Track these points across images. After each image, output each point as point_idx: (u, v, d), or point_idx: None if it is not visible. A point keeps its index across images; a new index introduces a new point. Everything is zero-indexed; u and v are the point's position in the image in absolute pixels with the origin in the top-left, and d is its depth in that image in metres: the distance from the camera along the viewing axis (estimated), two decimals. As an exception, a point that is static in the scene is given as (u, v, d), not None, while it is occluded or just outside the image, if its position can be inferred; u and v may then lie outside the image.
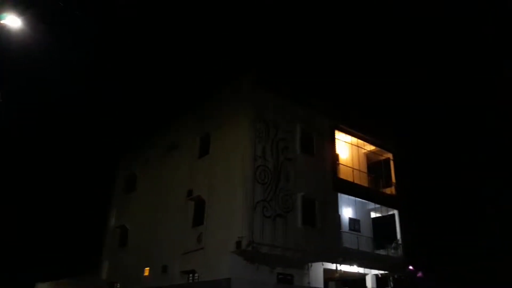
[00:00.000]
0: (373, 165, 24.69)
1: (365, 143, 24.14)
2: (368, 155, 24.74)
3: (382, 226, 23.26)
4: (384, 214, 23.57)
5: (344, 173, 21.85)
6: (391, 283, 22.19)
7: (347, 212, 22.43)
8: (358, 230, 22.30)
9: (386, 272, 22.09)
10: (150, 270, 20.92)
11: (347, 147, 23.40)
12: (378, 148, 24.61)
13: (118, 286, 23.67)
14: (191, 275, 18.48)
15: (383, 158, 24.84)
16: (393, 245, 22.65)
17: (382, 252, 22.39)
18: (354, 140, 23.56)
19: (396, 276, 22.34)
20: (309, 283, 18.48)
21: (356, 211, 22.78)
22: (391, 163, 24.65)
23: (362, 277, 21.93)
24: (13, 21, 11.86)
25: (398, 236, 22.98)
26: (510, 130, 31.01)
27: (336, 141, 22.01)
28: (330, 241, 19.21)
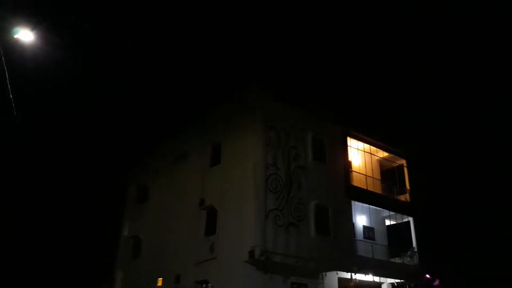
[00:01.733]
0: (387, 172, 24.42)
1: (378, 149, 23.89)
2: (381, 162, 24.48)
3: (397, 233, 22.90)
4: (399, 221, 23.21)
5: (358, 181, 21.62)
6: (408, 292, 21.78)
7: (361, 220, 22.15)
8: (373, 238, 21.99)
9: (402, 280, 21.68)
10: (163, 281, 20.84)
11: (359, 154, 23.17)
12: (391, 155, 24.34)
13: (132, 297, 23.65)
14: (204, 285, 18.36)
15: (397, 164, 24.56)
16: (409, 253, 22.27)
17: (397, 260, 22.03)
18: (366, 147, 23.34)
19: (412, 285, 21.94)
20: (323, 292, 18.22)
21: (370, 219, 22.49)
22: (405, 169, 24.34)
23: (378, 286, 21.54)
24: (26, 36, 12.07)
25: (414, 243, 22.60)
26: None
27: (349, 148, 21.82)
28: (344, 249, 18.95)
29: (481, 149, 33.95)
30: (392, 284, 21.76)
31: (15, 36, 11.99)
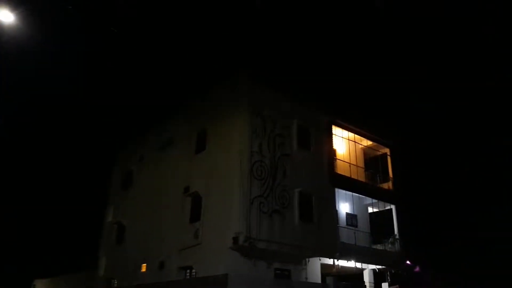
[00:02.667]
0: (370, 160, 24.72)
1: (362, 138, 24.12)
2: (365, 150, 24.74)
3: (380, 221, 23.30)
4: (382, 209, 23.60)
5: (341, 169, 21.83)
6: (389, 278, 22.24)
7: (344, 207, 22.44)
8: (356, 225, 22.32)
9: (383, 267, 22.13)
10: (147, 266, 20.91)
11: (344, 143, 23.36)
12: (375, 143, 24.60)
13: (115, 282, 23.68)
14: (188, 271, 18.47)
15: (380, 153, 24.86)
16: (391, 240, 22.69)
17: (379, 247, 22.43)
18: (351, 135, 23.53)
19: (393, 271, 22.39)
20: (306, 278, 18.50)
21: (353, 206, 22.79)
22: (388, 158, 24.66)
23: (360, 272, 21.97)
24: (6, 16, 11.76)
25: (396, 231, 23.02)
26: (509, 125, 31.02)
27: (333, 136, 21.96)
28: (328, 236, 19.21)
29: (465, 138, 34.53)
30: (374, 270, 22.22)
31: (-5, 17, 11.66)
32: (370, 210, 23.95)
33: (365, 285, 21.60)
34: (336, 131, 22.43)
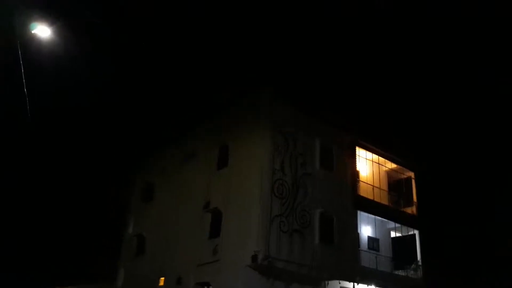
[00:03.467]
0: (394, 184, 24.27)
1: (386, 160, 23.77)
2: (389, 173, 24.33)
3: (402, 246, 22.73)
4: (405, 234, 23.03)
5: (364, 191, 21.51)
6: (410, 305, 21.56)
7: (366, 231, 22.01)
8: (377, 249, 21.84)
9: (405, 293, 21.49)
10: (165, 280, 20.88)
11: (367, 164, 23.06)
12: (399, 166, 24.20)
13: (133, 295, 23.70)
14: (205, 287, 18.35)
15: (405, 176, 24.40)
16: (413, 266, 22.08)
17: (401, 273, 21.84)
18: (375, 157, 23.22)
19: (415, 299, 21.71)
20: (325, 301, 18.12)
21: (375, 229, 22.34)
22: (413, 182, 24.18)
23: (380, 298, 21.39)
24: (43, 31, 12.22)
25: (419, 257, 22.40)
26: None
27: (357, 157, 21.73)
28: (348, 259, 18.84)
29: (490, 163, 33.54)
30: (395, 296, 21.59)
31: (33, 31, 12.16)
32: (393, 234, 23.42)
33: (385, 312, 20.98)
34: (360, 152, 22.20)
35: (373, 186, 22.17)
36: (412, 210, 23.45)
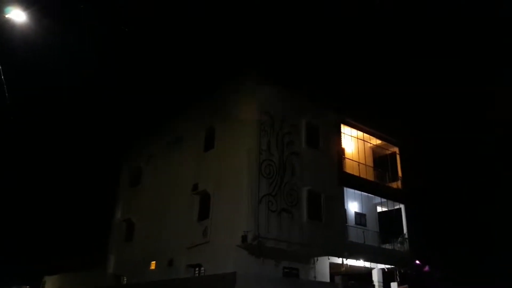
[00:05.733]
0: (379, 159, 24.59)
1: (371, 137, 24.01)
2: (374, 149, 24.62)
3: (388, 220, 23.18)
4: (391, 208, 23.46)
5: (350, 167, 21.76)
6: (398, 278, 22.14)
7: (353, 207, 22.36)
8: (364, 225, 22.24)
9: (392, 266, 22.03)
10: (156, 264, 21.01)
11: (353, 141, 23.27)
12: (384, 142, 24.48)
13: (125, 279, 23.82)
14: (197, 268, 18.53)
15: (390, 152, 24.72)
16: (400, 239, 22.58)
17: (388, 246, 22.34)
18: (360, 134, 23.43)
19: (402, 271, 22.28)
20: (315, 277, 18.47)
21: (362, 205, 22.70)
22: (398, 157, 24.52)
23: (369, 271, 21.90)
24: (18, 15, 11.85)
25: (405, 230, 22.89)
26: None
27: (342, 135, 21.88)
28: (336, 235, 19.16)
29: (475, 136, 34.16)
30: (383, 269, 22.12)
31: (7, 16, 11.77)
32: (379, 209, 23.83)
33: (374, 285, 21.51)
34: (345, 129, 22.36)
35: (358, 162, 22.42)
36: (397, 184, 23.85)
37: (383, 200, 23.25)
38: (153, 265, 21.19)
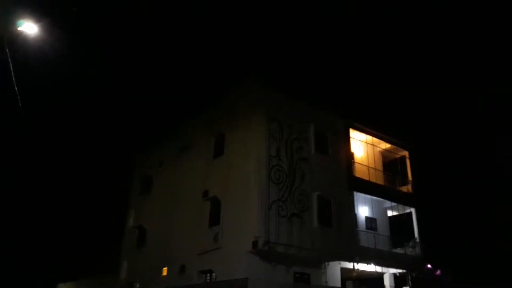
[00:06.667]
0: (389, 163, 24.53)
1: (380, 141, 23.97)
2: (384, 153, 24.57)
3: (399, 224, 23.07)
4: (401, 212, 23.37)
5: (360, 172, 21.74)
6: (410, 282, 21.98)
7: (363, 211, 22.31)
8: (375, 229, 22.17)
9: (404, 270, 21.90)
10: (168, 270, 21.15)
11: (362, 146, 23.26)
12: (394, 146, 24.43)
13: (137, 286, 23.99)
14: (208, 274, 18.63)
15: (399, 156, 24.65)
16: (411, 243, 22.44)
17: (399, 250, 22.21)
18: (369, 138, 23.42)
19: (414, 275, 22.13)
20: (326, 282, 18.44)
21: (372, 209, 22.64)
22: (407, 161, 24.44)
23: (380, 276, 21.78)
24: (30, 28, 12.13)
25: (416, 234, 22.76)
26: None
27: (351, 139, 21.90)
28: (347, 240, 19.14)
29: (486, 140, 33.86)
30: (394, 274, 21.99)
31: (19, 29, 12.06)
32: (390, 213, 23.75)
33: (386, 289, 21.41)
34: (354, 134, 22.37)
35: (368, 166, 22.40)
36: (407, 188, 23.75)
37: (394, 204, 23.16)
38: (165, 271, 21.33)
